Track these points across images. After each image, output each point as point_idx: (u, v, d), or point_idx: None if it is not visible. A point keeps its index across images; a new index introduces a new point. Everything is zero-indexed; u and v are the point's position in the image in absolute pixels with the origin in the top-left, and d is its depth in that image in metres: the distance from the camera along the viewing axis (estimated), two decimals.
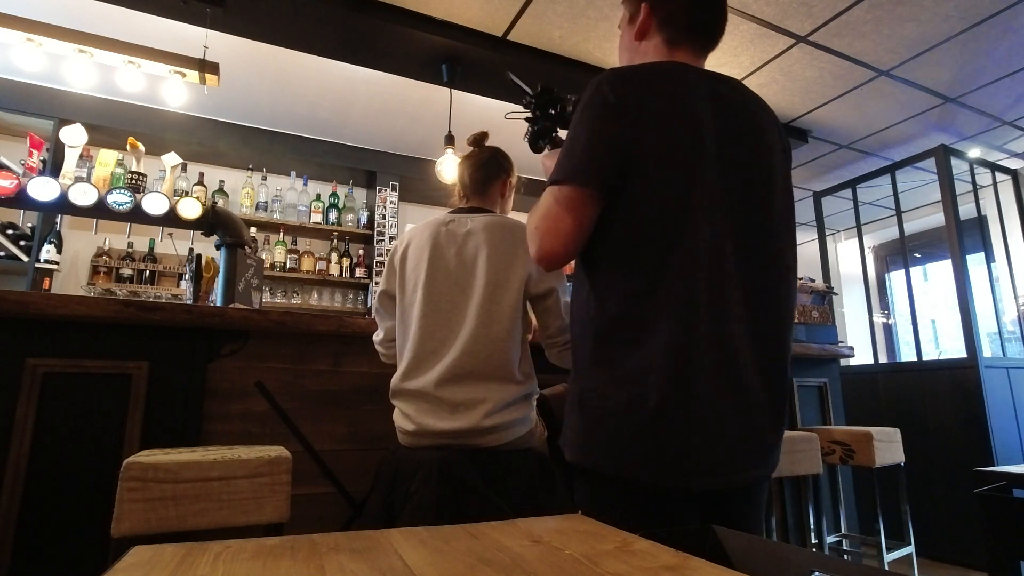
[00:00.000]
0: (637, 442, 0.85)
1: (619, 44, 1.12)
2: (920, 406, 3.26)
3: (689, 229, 0.88)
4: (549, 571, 0.51)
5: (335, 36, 2.83)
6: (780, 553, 0.62)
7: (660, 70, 0.97)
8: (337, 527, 1.73)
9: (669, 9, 1.01)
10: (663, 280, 0.87)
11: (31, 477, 1.43)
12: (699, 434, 0.85)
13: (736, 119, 0.97)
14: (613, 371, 0.88)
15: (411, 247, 1.47)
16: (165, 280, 3.87)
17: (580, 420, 0.92)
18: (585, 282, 0.97)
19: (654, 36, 1.03)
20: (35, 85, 3.52)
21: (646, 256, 0.89)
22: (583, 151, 0.91)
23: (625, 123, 0.89)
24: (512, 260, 1.41)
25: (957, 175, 3.46)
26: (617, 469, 0.87)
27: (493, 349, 1.34)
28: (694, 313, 0.86)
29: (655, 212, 0.89)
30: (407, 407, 1.37)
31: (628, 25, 1.08)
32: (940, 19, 2.81)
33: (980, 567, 2.86)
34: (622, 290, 0.90)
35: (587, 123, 0.93)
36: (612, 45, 3.03)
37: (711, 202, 0.90)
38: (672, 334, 0.85)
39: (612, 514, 0.84)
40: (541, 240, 0.94)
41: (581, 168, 0.91)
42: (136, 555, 0.55)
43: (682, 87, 0.94)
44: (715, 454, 0.86)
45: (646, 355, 0.86)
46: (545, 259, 0.95)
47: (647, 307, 0.87)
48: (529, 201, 5.86)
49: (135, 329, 1.59)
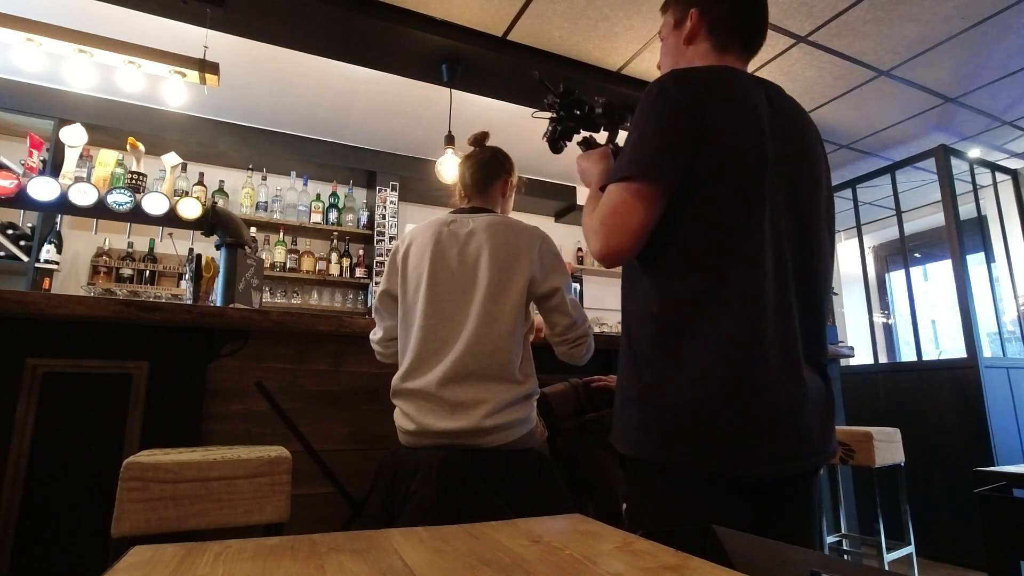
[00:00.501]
0: (707, 434, 0.87)
1: (663, 49, 1.14)
2: (920, 406, 3.26)
3: (754, 228, 0.91)
4: (549, 571, 0.51)
5: (335, 36, 2.83)
6: (780, 553, 0.62)
7: (722, 73, 0.99)
8: (337, 527, 1.73)
9: (718, 15, 1.04)
10: (729, 276, 0.90)
11: (31, 477, 1.43)
12: (766, 424, 0.88)
13: (787, 124, 1.00)
14: (679, 366, 0.90)
15: (413, 247, 1.47)
16: (165, 280, 3.87)
17: (642, 415, 0.92)
18: (644, 279, 0.97)
19: (703, 41, 1.06)
20: (35, 85, 3.52)
21: (712, 253, 0.91)
22: (655, 147, 0.92)
23: (695, 121, 0.91)
24: (514, 260, 1.41)
25: (957, 175, 3.46)
26: (687, 461, 0.88)
27: (494, 349, 1.34)
28: (760, 309, 0.89)
29: (722, 210, 0.92)
30: (408, 407, 1.37)
31: (674, 30, 1.10)
32: (940, 19, 2.81)
33: (980, 567, 2.86)
34: (687, 286, 0.92)
35: (656, 120, 0.93)
36: (612, 45, 3.03)
37: (772, 203, 0.93)
38: (739, 329, 0.88)
39: (677, 506, 0.88)
40: (608, 237, 0.94)
41: (654, 164, 0.92)
42: (136, 555, 0.55)
43: (743, 90, 0.97)
44: (781, 442, 0.89)
45: (712, 349, 0.88)
46: (610, 256, 0.95)
47: (713, 303, 0.90)
48: (530, 201, 5.81)
49: (135, 329, 1.59)
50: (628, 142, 0.97)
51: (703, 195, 0.92)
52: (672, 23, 1.11)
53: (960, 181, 3.49)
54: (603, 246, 0.94)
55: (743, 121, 0.94)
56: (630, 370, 0.97)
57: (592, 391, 1.95)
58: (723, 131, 0.92)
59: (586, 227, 1.01)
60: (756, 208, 0.92)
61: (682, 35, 1.08)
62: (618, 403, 1.00)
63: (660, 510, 0.91)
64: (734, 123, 0.93)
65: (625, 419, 0.96)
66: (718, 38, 1.05)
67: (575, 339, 1.49)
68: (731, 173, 0.92)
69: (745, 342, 0.88)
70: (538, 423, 1.48)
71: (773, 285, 0.91)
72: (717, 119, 0.92)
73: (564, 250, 5.41)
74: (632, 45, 3.03)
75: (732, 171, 0.92)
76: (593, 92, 3.31)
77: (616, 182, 0.94)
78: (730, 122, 0.93)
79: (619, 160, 0.97)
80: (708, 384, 0.88)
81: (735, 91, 0.96)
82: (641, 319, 0.97)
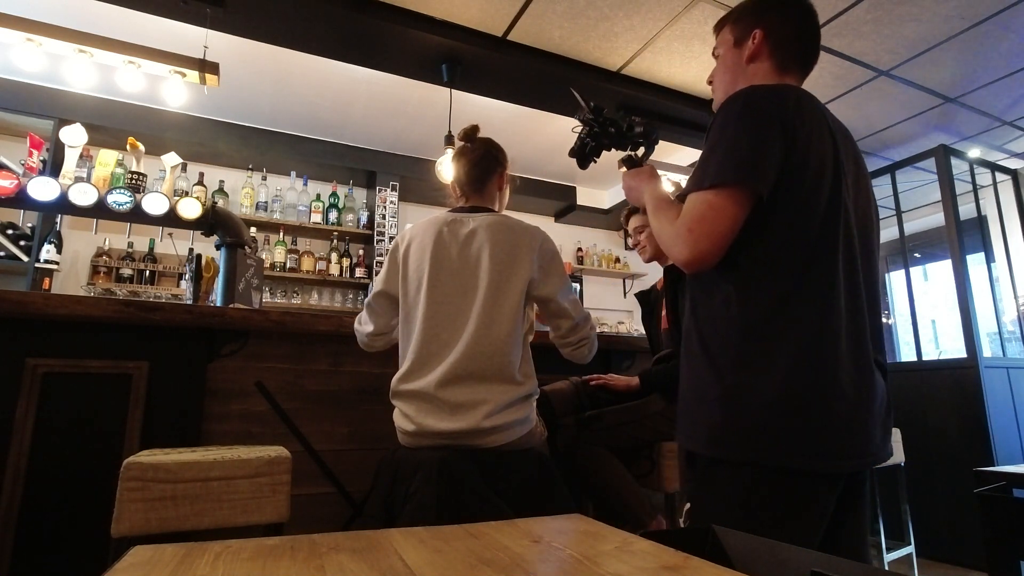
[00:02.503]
0: (793, 430, 0.91)
1: (720, 65, 1.18)
2: (920, 406, 3.26)
3: (831, 235, 0.97)
4: (549, 571, 0.51)
5: (335, 36, 2.83)
6: (780, 553, 0.62)
7: (796, 91, 1.05)
8: (337, 527, 1.73)
9: (782, 36, 1.10)
10: (807, 281, 0.95)
11: (31, 477, 1.43)
12: (845, 420, 0.93)
13: (847, 141, 1.08)
14: (763, 366, 0.94)
15: (413, 246, 1.47)
16: (165, 280, 3.87)
17: (725, 414, 0.95)
18: (723, 284, 1.00)
19: (765, 60, 1.11)
20: (35, 85, 3.52)
21: (795, 259, 0.96)
22: (747, 154, 0.96)
23: (782, 131, 0.96)
24: (514, 261, 1.41)
25: (957, 175, 3.45)
26: (772, 457, 0.91)
27: (494, 350, 1.34)
28: (836, 312, 0.94)
29: (808, 218, 0.97)
30: (407, 407, 1.37)
31: (734, 48, 1.15)
32: (940, 19, 2.81)
33: (980, 567, 2.86)
34: (769, 290, 0.96)
35: (747, 129, 0.97)
36: (612, 45, 3.03)
37: (845, 214, 0.99)
38: (818, 330, 0.93)
39: (750, 502, 0.92)
40: (696, 242, 0.97)
41: (748, 171, 0.95)
42: (136, 555, 0.55)
43: (816, 108, 1.03)
44: (858, 437, 0.94)
45: (794, 350, 0.93)
46: (697, 262, 0.98)
47: (793, 306, 0.94)
48: (530, 201, 5.79)
49: (135, 329, 1.59)
50: (714, 151, 0.99)
51: (788, 203, 0.96)
52: (732, 40, 1.15)
53: (960, 181, 3.48)
54: (692, 252, 0.97)
55: (822, 137, 1.00)
56: (706, 372, 0.99)
57: (591, 389, 1.96)
58: (807, 145, 0.97)
59: (667, 237, 1.03)
60: (834, 216, 0.97)
61: (744, 53, 1.12)
62: (690, 405, 1.02)
63: (731, 506, 0.94)
64: (816, 138, 0.99)
65: (700, 419, 0.99)
66: (780, 58, 1.10)
67: (578, 341, 1.50)
68: (814, 184, 0.97)
69: (824, 342, 0.93)
70: (538, 423, 1.48)
71: (845, 289, 0.96)
72: (800, 132, 0.97)
73: (564, 250, 5.42)
74: (632, 45, 3.03)
75: (815, 183, 0.97)
76: (593, 92, 3.31)
77: (702, 190, 0.98)
78: (813, 137, 0.98)
79: (703, 169, 1.00)
80: (793, 383, 0.92)
81: (812, 108, 1.02)
82: (721, 323, 1.00)
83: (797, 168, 0.96)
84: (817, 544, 0.95)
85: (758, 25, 1.10)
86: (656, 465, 1.78)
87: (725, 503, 0.95)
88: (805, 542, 0.92)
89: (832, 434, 0.92)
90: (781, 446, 0.91)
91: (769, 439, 0.92)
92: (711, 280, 1.03)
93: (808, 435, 0.91)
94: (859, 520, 1.04)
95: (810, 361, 0.92)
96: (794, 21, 1.10)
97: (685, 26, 2.85)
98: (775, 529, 0.91)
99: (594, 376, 1.98)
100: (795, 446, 0.91)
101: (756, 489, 0.93)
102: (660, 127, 1.35)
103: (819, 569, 0.56)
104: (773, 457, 0.91)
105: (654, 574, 0.50)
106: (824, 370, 0.92)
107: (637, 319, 5.20)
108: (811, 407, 0.91)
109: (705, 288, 1.05)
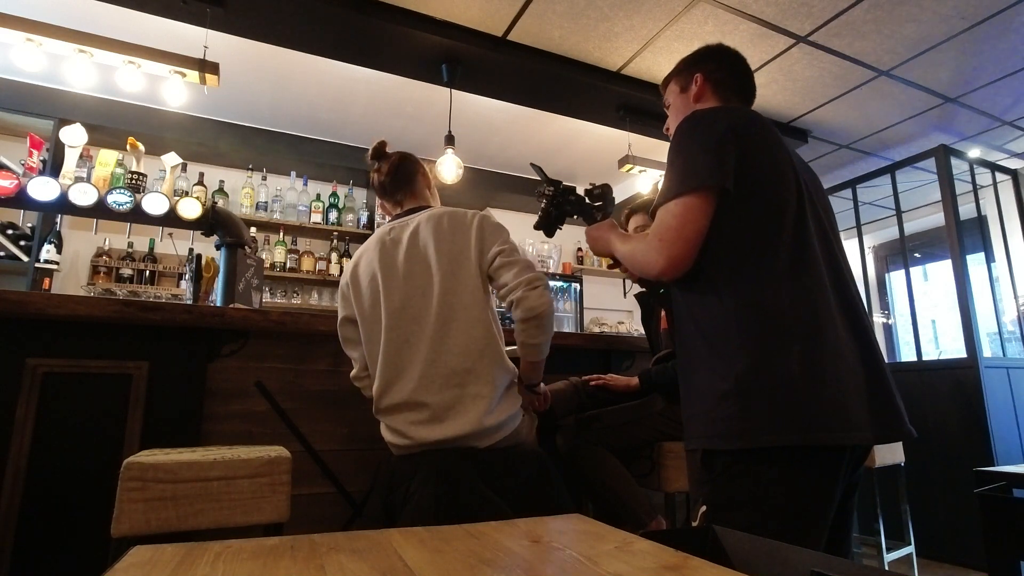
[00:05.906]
0: (812, 404, 0.93)
1: (673, 113, 1.29)
2: (920, 406, 3.26)
3: (801, 216, 1.04)
4: (549, 571, 0.51)
5: (335, 36, 2.83)
6: (780, 553, 0.62)
7: (741, 107, 1.15)
8: (337, 527, 1.73)
9: (719, 78, 1.22)
10: (793, 260, 1.00)
11: (31, 477, 1.43)
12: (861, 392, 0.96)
13: (795, 153, 1.16)
14: (775, 346, 0.96)
15: (361, 264, 1.46)
16: (165, 280, 3.87)
17: (742, 403, 0.96)
18: (713, 280, 1.04)
19: (710, 98, 1.23)
20: (35, 85, 3.52)
21: (773, 242, 1.01)
22: (704, 158, 1.02)
23: (734, 135, 1.03)
24: (461, 246, 1.40)
25: (957, 175, 3.45)
26: (794, 437, 0.92)
27: (467, 340, 1.33)
28: (823, 285, 1.01)
29: (777, 200, 1.03)
30: (394, 421, 1.35)
31: (682, 94, 1.27)
32: (940, 19, 2.81)
33: (980, 567, 2.86)
34: (755, 275, 1.00)
35: (698, 139, 1.05)
36: (612, 45, 3.03)
37: (811, 200, 1.08)
38: (814, 303, 0.98)
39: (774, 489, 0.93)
40: (669, 248, 1.02)
41: (707, 173, 1.01)
42: (136, 555, 0.55)
43: (765, 121, 1.12)
44: (886, 408, 0.98)
45: (798, 325, 0.96)
46: (672, 265, 1.03)
47: (784, 284, 0.99)
48: (530, 202, 5.81)
49: (135, 329, 1.59)
50: (673, 167, 1.06)
51: (756, 188, 1.02)
52: (678, 90, 1.27)
53: (960, 181, 3.48)
54: (665, 258, 1.02)
55: (775, 146, 1.08)
56: (716, 368, 1.01)
57: (591, 389, 1.96)
58: (761, 151, 1.05)
59: (639, 253, 1.10)
60: (799, 199, 1.05)
61: (690, 96, 1.24)
62: (702, 406, 1.02)
63: (754, 499, 0.94)
64: (769, 146, 1.06)
65: (716, 416, 0.99)
66: (722, 93, 1.22)
67: (528, 282, 1.36)
68: (778, 171, 1.04)
69: (823, 316, 0.97)
70: (525, 415, 1.46)
71: (826, 263, 1.03)
72: (753, 141, 1.05)
73: (564, 250, 5.42)
74: (632, 45, 3.03)
75: (779, 169, 1.05)
76: (593, 92, 3.32)
77: (665, 203, 1.04)
78: (765, 146, 1.06)
79: (666, 186, 1.07)
80: (810, 355, 0.95)
81: (762, 122, 1.10)
82: (720, 317, 1.02)
83: (757, 159, 1.03)
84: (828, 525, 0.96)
85: (697, 71, 1.23)
86: (656, 465, 1.78)
87: (752, 494, 0.94)
88: (826, 523, 0.95)
89: (842, 409, 0.93)
90: (803, 423, 0.92)
91: (791, 417, 0.92)
92: (700, 281, 1.06)
93: (835, 408, 0.92)
94: (849, 509, 1.05)
95: (819, 334, 0.96)
96: (727, 65, 1.23)
97: (685, 26, 2.85)
98: (806, 512, 0.92)
99: (594, 376, 1.98)
100: (824, 420, 0.92)
101: (772, 476, 0.93)
102: (660, 127, 1.40)
103: (819, 569, 0.56)
104: (793, 437, 0.92)
105: (654, 574, 0.50)
106: (823, 350, 0.95)
107: (637, 319, 5.20)
108: (825, 381, 0.93)
109: (697, 291, 1.07)
